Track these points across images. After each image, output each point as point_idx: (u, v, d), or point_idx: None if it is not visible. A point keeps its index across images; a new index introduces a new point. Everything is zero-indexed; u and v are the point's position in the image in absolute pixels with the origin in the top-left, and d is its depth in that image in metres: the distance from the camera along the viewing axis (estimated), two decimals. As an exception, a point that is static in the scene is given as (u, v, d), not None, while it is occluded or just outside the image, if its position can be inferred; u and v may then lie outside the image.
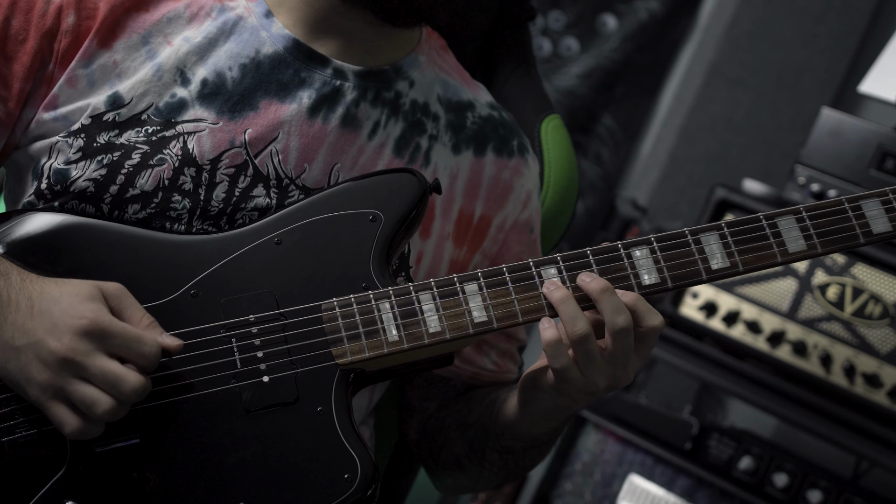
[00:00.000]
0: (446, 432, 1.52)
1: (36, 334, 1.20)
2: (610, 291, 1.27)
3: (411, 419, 1.58)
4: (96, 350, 1.19)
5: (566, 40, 3.32)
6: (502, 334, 1.53)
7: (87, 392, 1.19)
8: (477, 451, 1.48)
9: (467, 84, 1.54)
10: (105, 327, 1.20)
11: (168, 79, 1.38)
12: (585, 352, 1.26)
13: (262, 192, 1.38)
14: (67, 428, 1.20)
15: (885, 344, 2.23)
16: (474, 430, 1.48)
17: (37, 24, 1.36)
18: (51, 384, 1.19)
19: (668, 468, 2.39)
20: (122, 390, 1.19)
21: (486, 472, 1.49)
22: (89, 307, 1.20)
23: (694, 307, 2.36)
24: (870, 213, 1.33)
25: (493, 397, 1.48)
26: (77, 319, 1.19)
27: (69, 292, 1.22)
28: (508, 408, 1.41)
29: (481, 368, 1.53)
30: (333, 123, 1.40)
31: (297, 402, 1.27)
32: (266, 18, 1.41)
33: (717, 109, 3.12)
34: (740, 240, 1.33)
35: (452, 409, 1.54)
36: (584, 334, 1.25)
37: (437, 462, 1.56)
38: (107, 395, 1.19)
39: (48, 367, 1.19)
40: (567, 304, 1.27)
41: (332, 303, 1.30)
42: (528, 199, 1.53)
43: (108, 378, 1.19)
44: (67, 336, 1.19)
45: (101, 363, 1.19)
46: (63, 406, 1.20)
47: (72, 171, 1.36)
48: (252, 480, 1.25)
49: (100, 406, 1.19)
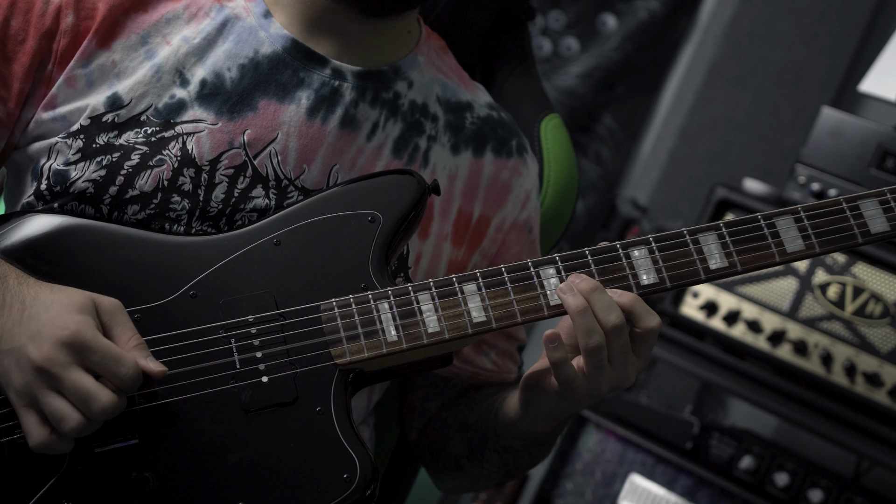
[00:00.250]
0: (447, 432, 1.53)
1: (20, 339, 1.19)
2: (600, 290, 1.27)
3: (412, 420, 1.58)
4: (73, 363, 1.18)
5: (566, 40, 3.32)
6: (501, 334, 1.54)
7: (58, 406, 1.17)
8: (476, 451, 1.48)
9: (466, 85, 1.54)
10: (86, 341, 1.18)
11: (167, 79, 1.38)
12: (597, 362, 1.26)
13: (261, 193, 1.38)
14: (31, 440, 1.18)
15: (885, 343, 2.23)
16: (474, 431, 1.48)
17: (36, 25, 1.37)
18: (25, 391, 1.18)
19: (669, 468, 2.39)
20: (91, 408, 1.17)
21: (486, 471, 1.49)
22: (75, 318, 1.19)
23: (694, 307, 2.36)
24: (868, 212, 1.33)
25: (493, 397, 1.48)
26: (60, 329, 1.18)
27: (60, 301, 1.21)
28: (509, 407, 1.41)
29: (480, 368, 1.53)
30: (332, 124, 1.40)
31: (296, 403, 1.27)
32: (264, 18, 1.41)
33: (718, 109, 3.12)
34: (739, 240, 1.33)
35: (454, 410, 1.54)
36: (598, 346, 1.25)
37: (437, 462, 1.56)
38: (77, 411, 1.17)
39: (24, 374, 1.18)
40: (584, 315, 1.26)
41: (331, 303, 1.30)
42: (526, 200, 1.53)
43: (80, 394, 1.17)
44: (47, 345, 1.17)
45: (76, 377, 1.17)
46: (34, 416, 1.19)
47: (71, 172, 1.36)
48: (251, 480, 1.25)
49: (68, 422, 1.17)
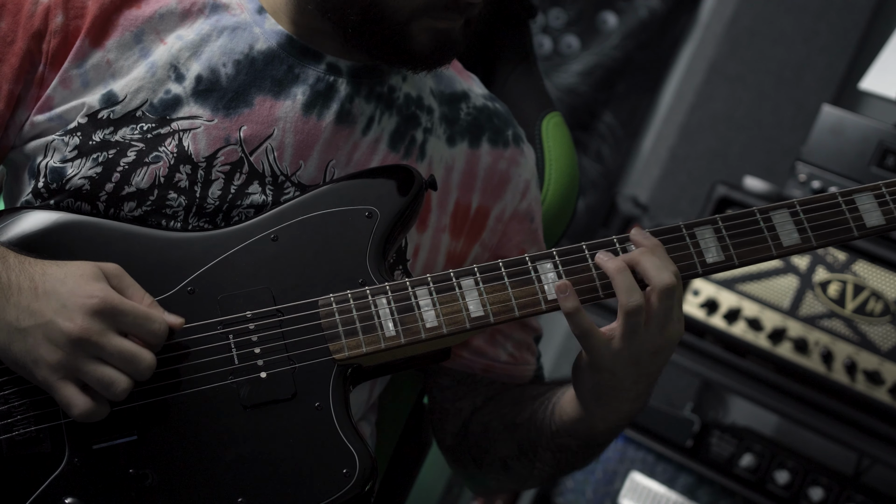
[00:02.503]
0: (492, 434, 1.50)
1: (45, 315, 1.20)
2: (655, 249, 1.29)
3: (446, 424, 1.56)
4: (108, 329, 1.20)
5: (567, 38, 3.32)
6: (517, 323, 1.52)
7: (105, 372, 1.19)
8: (527, 450, 1.46)
9: (460, 74, 1.54)
10: (116, 305, 1.20)
11: (162, 75, 1.38)
12: (633, 324, 1.26)
13: (257, 189, 1.38)
14: (76, 409, 1.20)
15: (886, 341, 2.23)
16: (525, 430, 1.45)
17: (24, 26, 1.37)
18: (63, 364, 1.19)
19: (670, 466, 2.39)
20: (138, 368, 1.20)
21: (537, 471, 1.47)
22: (97, 286, 1.21)
23: (695, 304, 2.36)
24: (863, 206, 1.34)
25: (547, 395, 1.46)
26: (87, 299, 1.20)
27: (73, 272, 1.22)
28: (566, 402, 1.40)
29: (494, 360, 1.52)
30: (328, 120, 1.40)
31: (295, 398, 1.27)
32: (259, 14, 1.41)
33: (718, 107, 3.12)
34: (735, 234, 1.33)
35: (497, 411, 1.51)
36: (637, 306, 1.26)
37: (480, 466, 1.53)
38: (122, 374, 1.19)
39: (60, 348, 1.19)
40: (623, 274, 1.28)
41: (329, 298, 1.31)
42: (526, 189, 1.52)
43: (125, 356, 1.19)
44: (79, 316, 1.19)
45: (117, 342, 1.20)
46: (73, 387, 1.20)
47: (68, 170, 1.36)
48: (250, 476, 1.25)
49: (119, 385, 1.19)
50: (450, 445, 1.56)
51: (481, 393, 1.54)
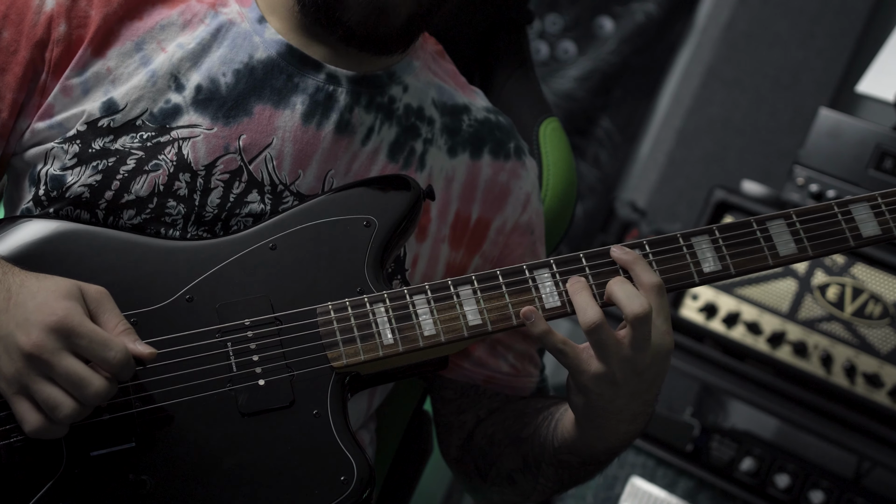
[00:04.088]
0: (497, 447, 1.49)
1: (7, 327, 1.18)
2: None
3: (450, 436, 1.56)
4: (62, 349, 1.17)
5: (563, 43, 3.32)
6: (518, 334, 1.52)
7: (51, 393, 1.17)
8: (531, 465, 1.45)
9: (463, 89, 1.54)
10: (73, 327, 1.17)
11: (162, 84, 1.38)
12: (599, 343, 1.26)
13: (256, 198, 1.38)
14: (27, 426, 1.18)
15: (885, 344, 2.23)
16: (529, 444, 1.45)
17: (28, 35, 1.37)
18: (16, 378, 1.18)
19: (670, 470, 2.39)
20: (84, 393, 1.17)
21: (540, 485, 1.46)
22: (63, 304, 1.18)
23: (694, 309, 2.36)
24: (859, 216, 1.34)
25: (551, 410, 1.45)
26: (48, 315, 1.17)
27: (47, 288, 1.20)
28: (567, 421, 1.39)
29: (496, 371, 1.52)
30: (327, 129, 1.40)
31: (293, 405, 1.27)
32: (259, 24, 1.42)
33: (715, 111, 3.12)
34: (732, 244, 1.33)
35: (501, 423, 1.51)
36: (593, 323, 1.25)
37: (485, 478, 1.52)
38: (70, 397, 1.17)
39: (14, 362, 1.17)
40: (580, 294, 1.28)
41: (328, 306, 1.31)
42: (527, 202, 1.52)
43: (72, 379, 1.16)
44: (36, 331, 1.17)
45: (67, 363, 1.17)
46: (27, 402, 1.18)
47: (67, 177, 1.36)
48: (248, 483, 1.25)
49: (62, 409, 1.17)
50: (455, 458, 1.56)
51: (484, 405, 1.54)
